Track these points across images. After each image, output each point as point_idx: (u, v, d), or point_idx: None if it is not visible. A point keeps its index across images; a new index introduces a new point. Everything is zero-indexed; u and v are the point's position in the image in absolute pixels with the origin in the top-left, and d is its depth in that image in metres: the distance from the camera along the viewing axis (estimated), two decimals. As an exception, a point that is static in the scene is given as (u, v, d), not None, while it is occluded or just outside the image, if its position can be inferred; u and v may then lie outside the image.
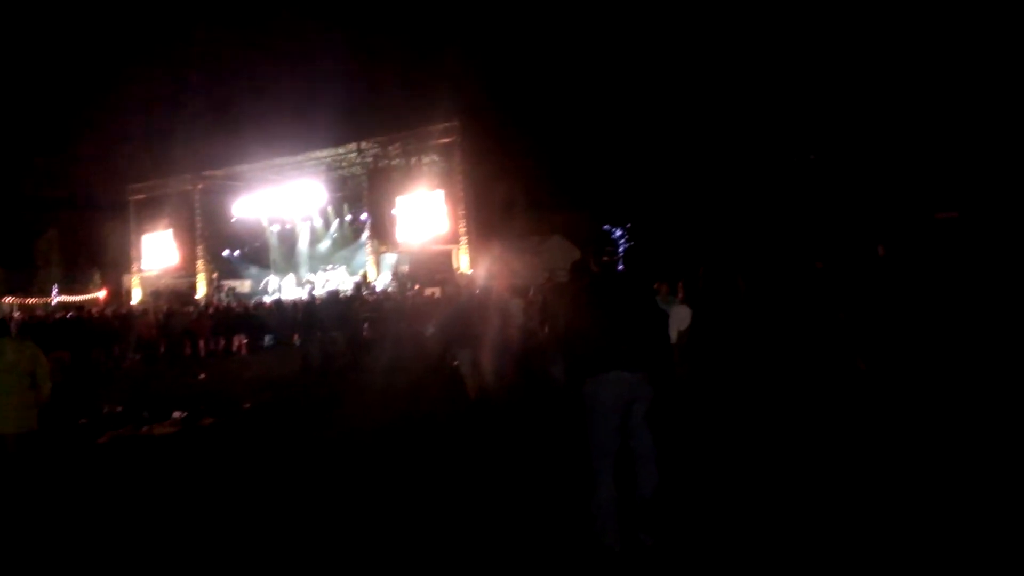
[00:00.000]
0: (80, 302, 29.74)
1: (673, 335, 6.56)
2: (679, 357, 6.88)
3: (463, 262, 25.39)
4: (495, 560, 4.34)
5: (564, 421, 6.17)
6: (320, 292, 17.65)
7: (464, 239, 25.55)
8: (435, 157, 26.60)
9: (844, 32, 25.57)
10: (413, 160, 27.29)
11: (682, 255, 19.87)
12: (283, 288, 29.09)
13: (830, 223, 20.79)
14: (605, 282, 4.74)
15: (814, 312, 7.95)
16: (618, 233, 28.23)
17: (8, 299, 30.59)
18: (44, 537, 4.99)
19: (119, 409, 10.17)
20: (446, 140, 25.97)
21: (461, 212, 25.68)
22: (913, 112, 22.84)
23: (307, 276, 29.44)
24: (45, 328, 16.67)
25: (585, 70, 29.74)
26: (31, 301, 32.17)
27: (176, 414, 9.57)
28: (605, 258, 4.88)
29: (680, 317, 7.28)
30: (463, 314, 9.05)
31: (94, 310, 22.11)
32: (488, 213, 25.44)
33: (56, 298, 35.20)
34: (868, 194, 22.12)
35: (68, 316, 20.31)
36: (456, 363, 10.38)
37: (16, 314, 22.37)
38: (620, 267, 4.80)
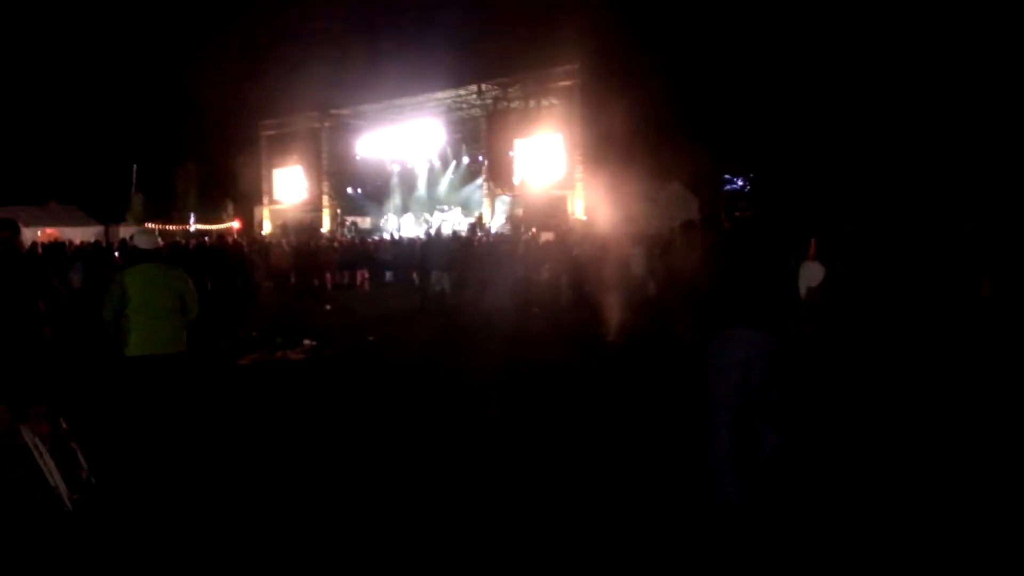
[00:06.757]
0: (217, 231, 31.71)
1: (802, 292, 6.39)
2: (807, 314, 6.70)
3: (578, 207, 25.26)
4: (612, 509, 4.45)
5: (686, 375, 6.19)
6: (436, 231, 18.08)
7: (580, 184, 25.37)
8: (554, 100, 26.34)
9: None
10: (532, 103, 27.14)
11: (811, 209, 18.98)
12: (401, 226, 29.95)
13: (980, 178, 19.23)
14: (735, 238, 4.66)
15: (959, 278, 7.50)
16: (740, 184, 27.25)
17: (150, 224, 32.86)
18: (194, 448, 5.49)
19: (255, 334, 10.88)
20: (566, 83, 25.62)
21: (578, 157, 25.45)
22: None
23: (424, 216, 30.14)
24: (186, 254, 17.90)
25: (709, 13, 28.25)
26: (171, 227, 34.52)
27: (306, 342, 10.16)
28: (737, 213, 4.78)
29: (810, 274, 7.06)
30: (580, 262, 9.11)
31: (230, 239, 23.52)
32: (605, 158, 25.05)
33: (194, 226, 37.66)
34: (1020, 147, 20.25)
35: (207, 243, 21.75)
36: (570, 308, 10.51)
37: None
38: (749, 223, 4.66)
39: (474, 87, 28.77)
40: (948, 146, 22.51)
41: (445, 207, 30.63)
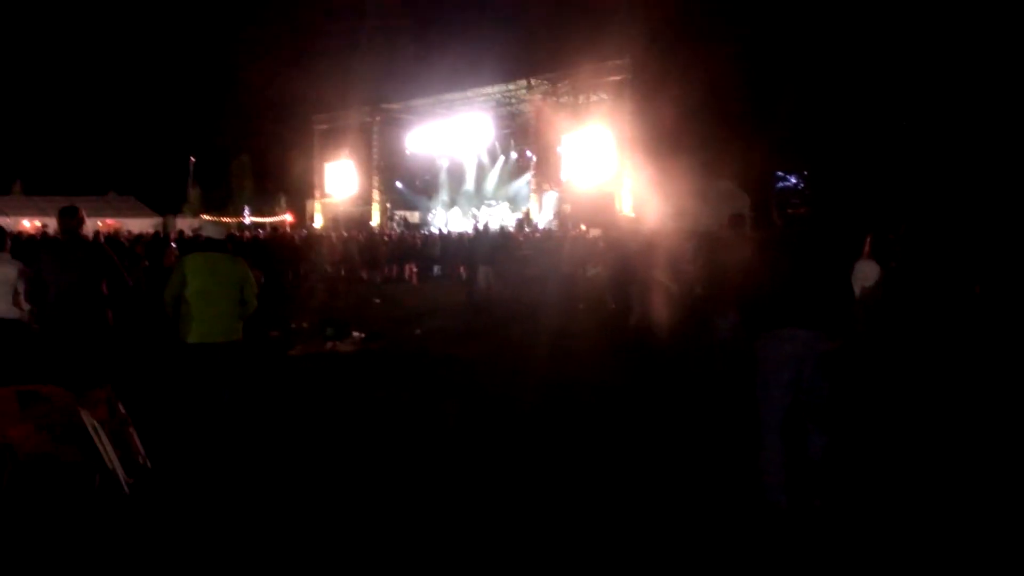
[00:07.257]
0: (271, 223, 32.37)
1: (856, 291, 6.25)
2: (861, 315, 6.53)
3: (626, 204, 25.05)
4: (657, 508, 4.42)
5: (730, 373, 6.10)
6: (483, 227, 18.17)
7: (629, 180, 25.13)
8: (604, 95, 26.15)
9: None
10: (581, 98, 27.00)
11: (865, 207, 18.49)
12: (449, 221, 30.14)
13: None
14: (787, 236, 4.59)
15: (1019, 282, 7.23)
16: (793, 181, 26.67)
17: (205, 216, 33.71)
18: (252, 432, 5.62)
19: (305, 325, 11.07)
20: (616, 78, 25.40)
21: (627, 152, 25.21)
22: None
23: (472, 211, 30.25)
24: (241, 246, 18.26)
25: (761, 5, 27.47)
26: (225, 219, 35.34)
27: (355, 334, 10.29)
28: (790, 211, 4.70)
29: (864, 274, 6.88)
30: (630, 258, 9.04)
31: (282, 232, 23.99)
32: (655, 154, 24.74)
33: (248, 218, 38.49)
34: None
35: (260, 236, 22.21)
36: (614, 306, 10.44)
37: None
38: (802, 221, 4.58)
39: (523, 82, 28.75)
40: (1011, 144, 21.63)
41: (493, 202, 30.70)
